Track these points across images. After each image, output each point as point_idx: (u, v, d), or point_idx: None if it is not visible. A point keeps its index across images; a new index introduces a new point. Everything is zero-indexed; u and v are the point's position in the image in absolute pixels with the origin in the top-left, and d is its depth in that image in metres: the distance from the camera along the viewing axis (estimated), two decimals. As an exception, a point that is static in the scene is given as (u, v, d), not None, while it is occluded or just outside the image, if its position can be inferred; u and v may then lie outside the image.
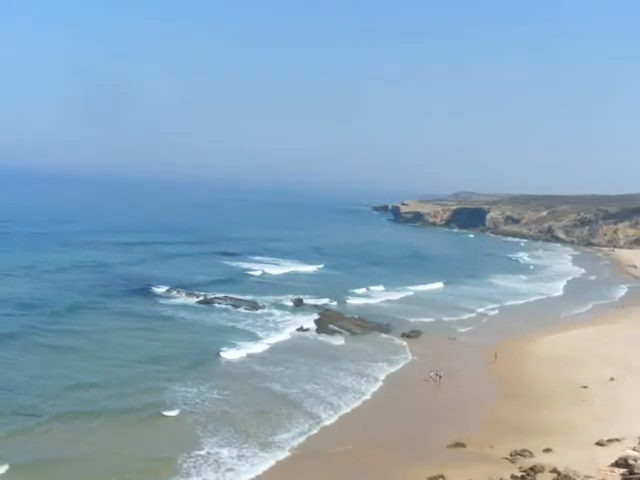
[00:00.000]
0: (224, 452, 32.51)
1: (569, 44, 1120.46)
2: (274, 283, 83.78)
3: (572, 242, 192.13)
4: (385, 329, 62.89)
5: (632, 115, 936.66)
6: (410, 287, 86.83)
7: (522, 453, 33.71)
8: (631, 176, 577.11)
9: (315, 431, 36.54)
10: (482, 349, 57.22)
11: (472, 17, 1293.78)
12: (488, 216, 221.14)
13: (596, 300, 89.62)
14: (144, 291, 70.83)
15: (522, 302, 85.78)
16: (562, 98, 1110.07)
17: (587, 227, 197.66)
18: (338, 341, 57.75)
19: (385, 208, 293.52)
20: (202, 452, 32.25)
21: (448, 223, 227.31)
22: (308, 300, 72.40)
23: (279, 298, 72.57)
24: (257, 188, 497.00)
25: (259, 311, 65.71)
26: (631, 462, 30.51)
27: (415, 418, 40.17)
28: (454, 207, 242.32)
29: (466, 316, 72.76)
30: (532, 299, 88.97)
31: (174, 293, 70.95)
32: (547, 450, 34.22)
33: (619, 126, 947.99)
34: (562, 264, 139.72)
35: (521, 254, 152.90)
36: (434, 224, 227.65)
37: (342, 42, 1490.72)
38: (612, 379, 48.86)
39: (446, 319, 70.23)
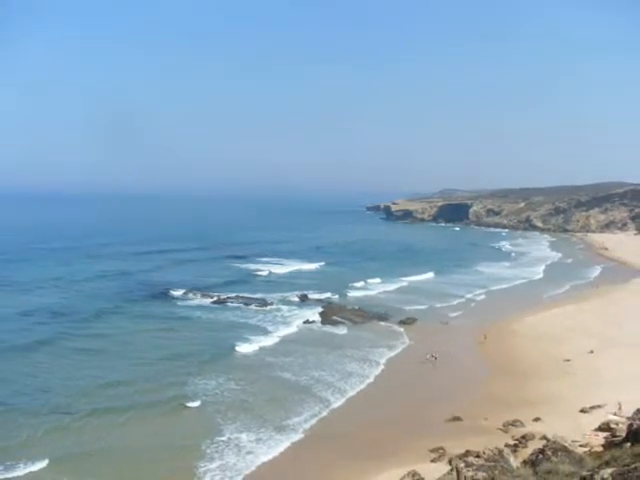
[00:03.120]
0: (243, 437, 32.50)
1: (541, 47, 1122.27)
2: (280, 281, 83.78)
3: (549, 229, 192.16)
4: (383, 317, 62.90)
5: (599, 111, 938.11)
6: (404, 278, 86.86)
7: (514, 423, 33.79)
8: (601, 166, 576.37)
9: (325, 413, 36.50)
10: (472, 331, 57.17)
11: (465, 28, 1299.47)
12: (471, 210, 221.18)
13: (573, 281, 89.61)
14: (163, 295, 70.91)
15: (506, 286, 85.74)
16: (537, 100, 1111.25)
17: (562, 215, 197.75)
18: (341, 330, 57.73)
19: (377, 208, 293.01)
20: (223, 438, 32.26)
21: (435, 218, 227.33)
22: (312, 295, 72.43)
23: (286, 295, 72.59)
24: (261, 196, 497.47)
25: (268, 307, 65.70)
26: (613, 426, 30.43)
27: (415, 397, 40.13)
28: (440, 203, 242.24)
29: (456, 302, 72.72)
30: (515, 283, 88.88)
31: (190, 295, 70.98)
32: (536, 419, 34.29)
33: (586, 121, 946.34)
34: (541, 250, 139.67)
35: (503, 243, 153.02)
36: (423, 220, 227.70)
37: (339, 59, 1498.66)
38: (592, 352, 48.85)
39: (438, 305, 70.20)
